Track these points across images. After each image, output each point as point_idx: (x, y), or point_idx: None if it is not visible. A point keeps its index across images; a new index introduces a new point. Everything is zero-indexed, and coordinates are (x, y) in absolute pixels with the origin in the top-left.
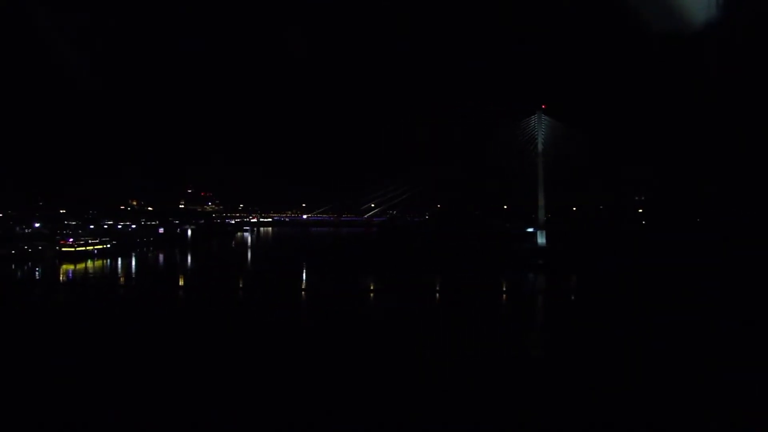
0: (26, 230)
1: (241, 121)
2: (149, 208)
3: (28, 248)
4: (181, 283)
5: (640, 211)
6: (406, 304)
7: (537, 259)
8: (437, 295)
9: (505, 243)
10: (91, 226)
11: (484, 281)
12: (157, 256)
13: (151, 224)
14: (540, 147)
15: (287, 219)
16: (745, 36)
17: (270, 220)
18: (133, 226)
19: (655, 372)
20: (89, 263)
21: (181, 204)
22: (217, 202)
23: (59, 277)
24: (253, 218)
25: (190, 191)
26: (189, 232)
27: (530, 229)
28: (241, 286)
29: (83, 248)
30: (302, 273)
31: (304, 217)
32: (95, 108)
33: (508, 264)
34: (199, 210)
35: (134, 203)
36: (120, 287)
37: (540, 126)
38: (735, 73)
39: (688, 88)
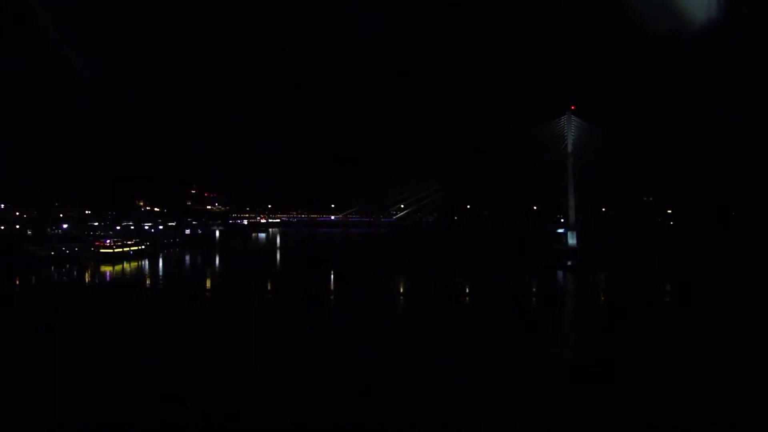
0: (56, 231)
1: (243, 121)
2: (156, 209)
3: (65, 249)
4: (233, 283)
5: (669, 211)
6: (439, 307)
7: (568, 260)
8: (467, 298)
9: (535, 243)
10: (117, 227)
11: (517, 282)
12: (194, 257)
13: (171, 225)
14: (570, 148)
15: (294, 220)
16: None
17: (278, 221)
18: (160, 227)
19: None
20: (126, 264)
21: (188, 203)
22: (223, 202)
23: (108, 277)
24: (261, 219)
25: (193, 192)
26: (217, 233)
27: (561, 230)
28: (292, 283)
29: (120, 249)
30: (333, 273)
31: (335, 217)
32: (98, 108)
33: (539, 264)
34: (205, 210)
35: (141, 203)
36: (177, 289)
37: (570, 127)
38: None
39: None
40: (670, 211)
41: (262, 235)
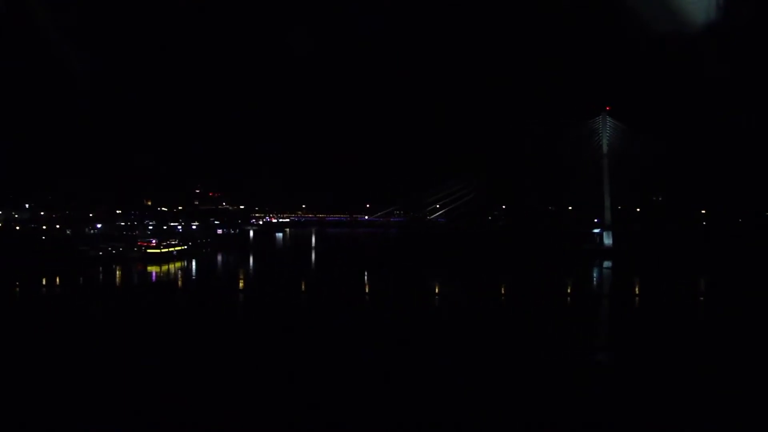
0: (92, 231)
1: (243, 120)
2: (164, 209)
3: (112, 249)
4: (285, 282)
5: (703, 212)
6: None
7: (604, 261)
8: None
9: (571, 243)
10: (150, 227)
11: (558, 287)
12: (237, 257)
13: (201, 225)
14: (605, 148)
15: (302, 219)
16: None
17: (288, 220)
18: (193, 227)
19: None
20: (171, 264)
21: (195, 203)
22: (228, 202)
23: (169, 277)
24: (272, 218)
25: (198, 191)
26: (251, 232)
27: (596, 230)
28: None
29: (166, 250)
30: (364, 271)
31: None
32: (98, 108)
33: (576, 264)
34: (215, 210)
35: (148, 203)
36: (244, 288)
37: (605, 127)
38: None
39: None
40: (704, 212)
41: (280, 235)
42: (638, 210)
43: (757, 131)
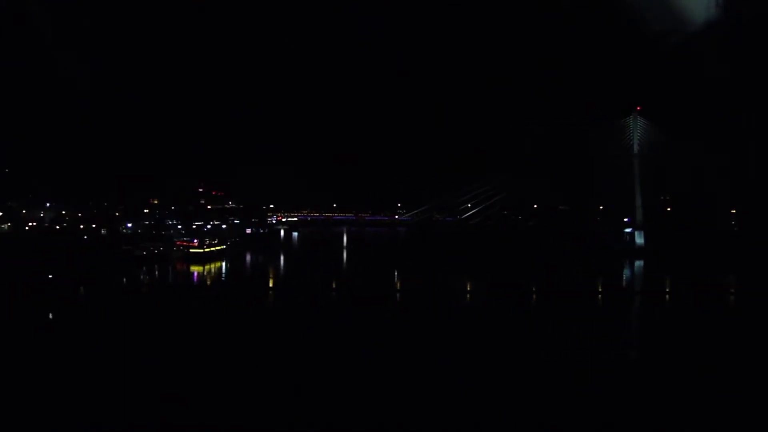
0: (124, 230)
1: (243, 119)
2: (172, 208)
3: (153, 249)
4: (341, 282)
5: (734, 211)
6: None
7: (636, 260)
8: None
9: (602, 242)
10: (179, 226)
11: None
12: (275, 256)
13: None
14: (636, 148)
15: (309, 218)
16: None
17: (296, 219)
18: (224, 227)
19: None
20: (214, 264)
21: (201, 202)
22: (235, 201)
23: (220, 277)
24: (279, 217)
25: (201, 190)
26: (282, 232)
27: (628, 230)
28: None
29: (209, 249)
30: (395, 271)
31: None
32: (99, 108)
33: (608, 264)
34: (223, 209)
35: (155, 202)
36: (300, 288)
37: (636, 128)
38: None
39: None
40: (734, 211)
41: (296, 234)
42: (668, 209)
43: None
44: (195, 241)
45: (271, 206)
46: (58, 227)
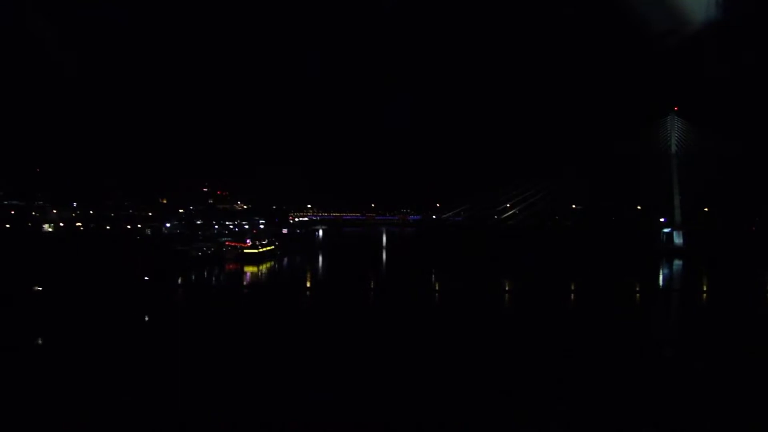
0: (166, 231)
1: (244, 119)
2: (191, 208)
3: (207, 249)
4: (398, 280)
5: None
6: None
7: (675, 259)
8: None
9: (640, 242)
10: (216, 226)
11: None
12: (326, 256)
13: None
14: (674, 148)
15: (318, 218)
16: None
17: (306, 219)
18: (261, 226)
19: None
20: (268, 264)
21: (210, 201)
22: (243, 200)
23: (285, 277)
24: (291, 217)
25: (206, 190)
26: (320, 232)
27: (666, 230)
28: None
29: (263, 249)
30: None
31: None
32: (100, 109)
33: (649, 263)
34: (232, 209)
35: (164, 201)
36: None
37: (673, 128)
38: None
39: None
40: None
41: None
42: (706, 210)
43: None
44: (248, 241)
45: (283, 207)
46: (108, 227)
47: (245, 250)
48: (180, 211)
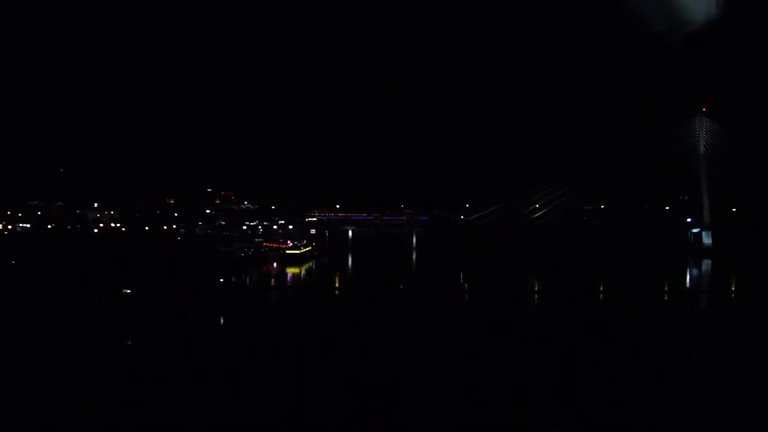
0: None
1: (254, 118)
2: (211, 212)
3: (248, 250)
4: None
5: None
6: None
7: (703, 259)
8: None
9: (669, 242)
10: (243, 227)
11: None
12: (362, 255)
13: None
14: (702, 149)
15: (324, 218)
16: None
17: (315, 219)
18: (290, 227)
19: None
20: (307, 264)
21: (217, 202)
22: (249, 201)
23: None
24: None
25: (210, 190)
26: (350, 232)
27: (695, 230)
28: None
29: (304, 250)
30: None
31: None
32: (102, 110)
33: (678, 263)
34: (239, 209)
35: (171, 202)
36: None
37: (701, 128)
38: None
39: None
40: None
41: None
42: (733, 210)
43: None
44: (288, 242)
45: (286, 207)
46: (147, 227)
47: (287, 251)
48: (207, 212)
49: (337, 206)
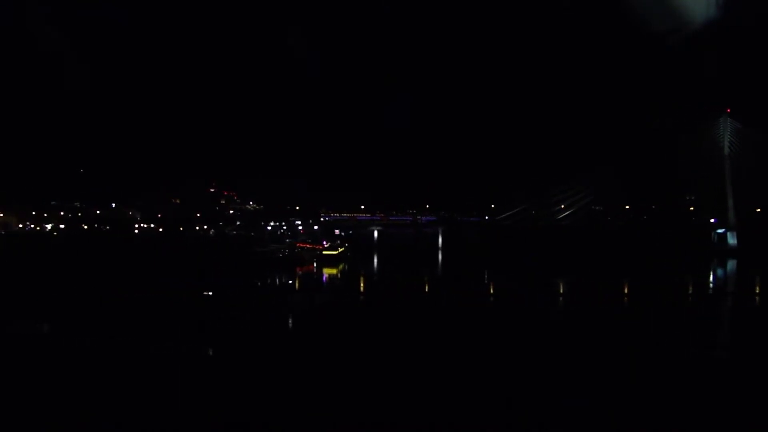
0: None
1: (256, 118)
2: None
3: (285, 251)
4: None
5: None
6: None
7: (729, 259)
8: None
9: (693, 243)
10: (268, 228)
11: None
12: (394, 256)
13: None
14: (726, 150)
15: (329, 219)
16: None
17: (322, 220)
18: (315, 227)
19: None
20: (341, 265)
21: (222, 202)
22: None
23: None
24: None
25: (212, 190)
26: (375, 233)
27: (720, 230)
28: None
29: (341, 251)
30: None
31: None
32: (104, 111)
33: (704, 264)
34: (243, 210)
35: (177, 202)
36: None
37: (726, 129)
38: None
39: None
40: None
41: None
42: (758, 210)
43: None
44: (325, 243)
45: (288, 207)
46: (181, 228)
47: (324, 252)
48: (230, 212)
49: (342, 207)
